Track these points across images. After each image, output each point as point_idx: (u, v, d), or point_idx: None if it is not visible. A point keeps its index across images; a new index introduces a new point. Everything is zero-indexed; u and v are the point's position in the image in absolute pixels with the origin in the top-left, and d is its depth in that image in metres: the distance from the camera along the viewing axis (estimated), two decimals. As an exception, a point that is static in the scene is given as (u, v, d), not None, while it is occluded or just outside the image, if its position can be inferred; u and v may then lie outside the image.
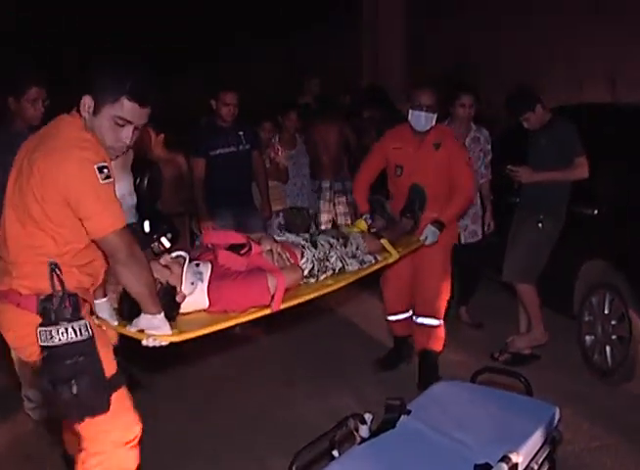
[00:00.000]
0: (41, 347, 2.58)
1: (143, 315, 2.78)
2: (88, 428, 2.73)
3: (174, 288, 3.04)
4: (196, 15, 14.28)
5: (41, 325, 2.58)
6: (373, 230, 4.30)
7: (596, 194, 4.84)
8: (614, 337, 4.67)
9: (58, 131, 2.67)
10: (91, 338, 2.64)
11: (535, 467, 2.91)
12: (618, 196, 4.73)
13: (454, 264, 4.97)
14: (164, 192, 5.31)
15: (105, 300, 3.08)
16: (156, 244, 4.90)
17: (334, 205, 6.92)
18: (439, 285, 4.74)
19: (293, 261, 3.54)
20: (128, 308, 2.89)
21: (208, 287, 3.17)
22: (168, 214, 5.14)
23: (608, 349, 4.70)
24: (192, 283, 3.14)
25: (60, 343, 2.56)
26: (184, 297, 3.09)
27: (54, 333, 2.57)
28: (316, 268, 3.64)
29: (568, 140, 4.73)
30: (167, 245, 4.97)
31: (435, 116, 4.55)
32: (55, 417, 3.24)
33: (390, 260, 4.10)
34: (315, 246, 3.72)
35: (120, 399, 2.78)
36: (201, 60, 14.54)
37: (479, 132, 5.68)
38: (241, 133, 5.65)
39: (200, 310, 3.19)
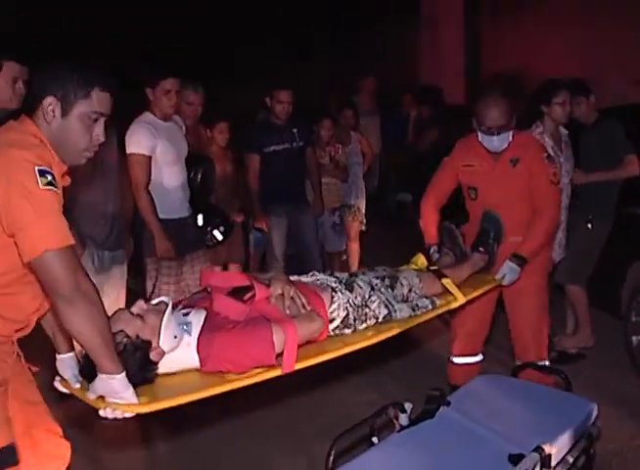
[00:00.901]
0: None
1: (98, 376, 2.24)
2: None
3: (147, 342, 2.47)
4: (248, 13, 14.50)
5: None
6: (433, 268, 3.64)
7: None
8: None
9: (4, 133, 2.29)
10: None
11: (570, 460, 2.99)
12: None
13: None
14: (219, 187, 5.51)
15: (70, 355, 2.60)
16: (208, 237, 5.10)
17: None
18: (538, 331, 4.05)
19: (310, 308, 2.88)
20: (87, 366, 2.35)
21: (198, 341, 2.57)
22: (221, 208, 5.34)
23: (653, 348, 4.71)
24: (175, 336, 2.53)
25: None
26: (162, 354, 2.50)
27: None
28: (352, 316, 3.02)
29: (617, 139, 4.75)
30: (220, 238, 5.17)
31: (511, 132, 3.83)
32: None
33: (454, 306, 3.43)
34: (351, 289, 3.09)
35: None
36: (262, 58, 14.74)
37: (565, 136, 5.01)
38: (295, 130, 5.78)
39: (191, 370, 2.61)
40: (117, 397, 2.23)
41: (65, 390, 2.50)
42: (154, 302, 2.66)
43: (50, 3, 13.15)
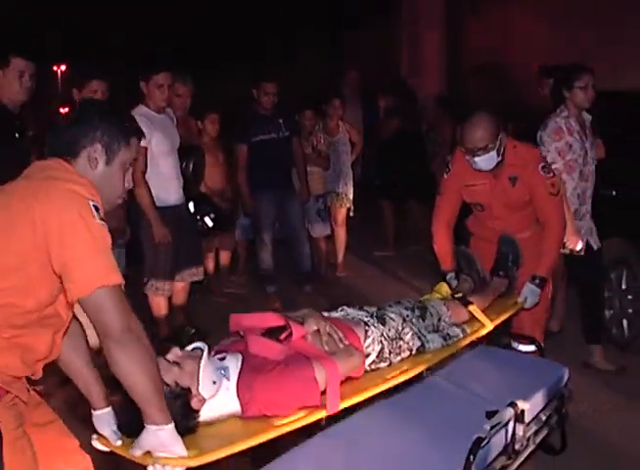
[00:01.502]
0: None
1: (146, 428, 2.10)
2: None
3: (187, 390, 2.37)
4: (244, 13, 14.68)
5: None
6: (458, 295, 3.60)
7: (615, 176, 5.07)
8: (630, 311, 4.96)
9: (41, 170, 2.16)
10: None
11: (543, 418, 3.27)
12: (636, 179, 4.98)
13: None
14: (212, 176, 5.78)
15: (107, 410, 2.40)
16: (199, 223, 5.36)
17: None
18: (538, 315, 4.01)
19: (348, 343, 2.82)
20: (128, 418, 2.25)
21: (238, 385, 2.48)
22: (211, 196, 5.61)
23: (625, 322, 5.00)
24: (214, 382, 2.44)
25: None
26: (203, 401, 2.41)
27: None
28: (387, 350, 2.96)
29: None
30: (210, 224, 5.42)
31: (496, 148, 3.67)
32: None
33: (483, 333, 3.43)
34: (383, 322, 3.04)
35: None
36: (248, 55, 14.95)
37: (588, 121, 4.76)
38: (280, 121, 6.06)
39: (232, 416, 2.50)
40: (167, 450, 2.10)
41: (105, 448, 2.36)
42: (188, 348, 2.56)
43: (50, 3, 13.23)
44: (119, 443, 2.32)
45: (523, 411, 2.94)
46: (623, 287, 4.99)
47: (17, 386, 2.07)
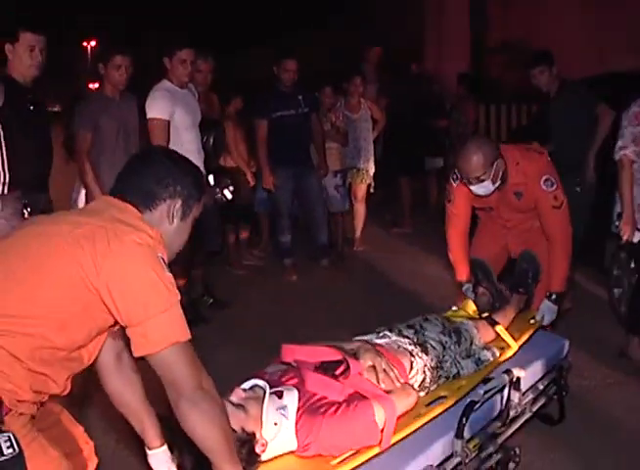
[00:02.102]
0: None
1: None
2: None
3: (253, 435, 2.35)
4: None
5: None
6: (485, 315, 3.62)
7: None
8: (638, 289, 5.02)
9: (112, 211, 2.04)
10: (17, 456, 1.83)
11: (540, 387, 3.40)
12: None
13: None
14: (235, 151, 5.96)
15: (164, 449, 2.35)
16: (219, 196, 5.50)
17: None
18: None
19: (403, 381, 2.83)
20: (194, 464, 2.26)
21: (297, 425, 2.47)
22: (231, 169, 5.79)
23: (633, 300, 5.06)
24: (275, 423, 2.42)
25: None
26: (266, 444, 2.40)
27: None
28: (428, 379, 2.99)
29: (584, 95, 5.02)
30: (229, 197, 5.58)
31: (490, 178, 3.64)
32: None
33: (509, 354, 3.40)
34: (426, 351, 3.04)
35: None
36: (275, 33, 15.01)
37: None
38: (300, 97, 6.20)
39: (286, 453, 2.50)
40: None
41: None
42: (247, 386, 2.55)
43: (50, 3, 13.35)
44: None
45: (518, 379, 3.07)
46: (632, 266, 5.04)
47: (23, 406, 1.94)
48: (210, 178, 5.45)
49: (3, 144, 3.77)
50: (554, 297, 3.83)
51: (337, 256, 6.95)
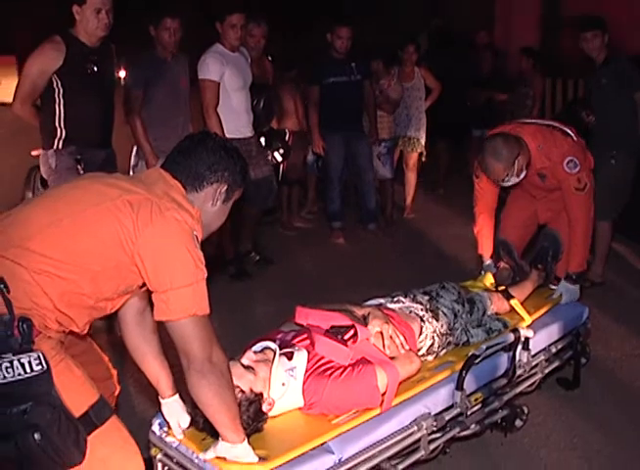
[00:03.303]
0: None
1: (221, 442, 2.28)
2: None
3: (260, 396, 2.51)
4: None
5: None
6: (501, 288, 3.72)
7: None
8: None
9: (167, 187, 2.22)
10: (46, 372, 1.96)
11: (553, 350, 3.50)
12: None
13: None
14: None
15: (175, 398, 2.54)
16: (270, 157, 5.70)
17: None
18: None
19: (409, 347, 2.93)
20: (210, 425, 2.32)
21: (304, 385, 2.62)
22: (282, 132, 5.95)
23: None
24: (283, 384, 2.58)
25: (4, 381, 1.93)
26: (273, 403, 2.56)
27: None
28: (437, 345, 3.12)
29: (626, 76, 4.95)
30: (279, 159, 5.75)
31: (515, 174, 3.69)
32: None
33: (523, 325, 3.41)
34: (437, 317, 3.16)
35: (107, 436, 2.15)
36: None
37: None
38: (353, 65, 6.30)
39: (292, 410, 2.66)
40: (239, 460, 2.28)
41: (175, 439, 2.49)
42: (259, 348, 2.68)
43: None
44: (181, 437, 2.47)
45: (527, 339, 3.18)
46: None
47: (50, 332, 2.10)
48: (262, 140, 5.64)
49: (61, 102, 4.01)
50: (573, 277, 3.86)
51: (385, 221, 7.08)
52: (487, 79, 8.45)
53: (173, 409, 2.52)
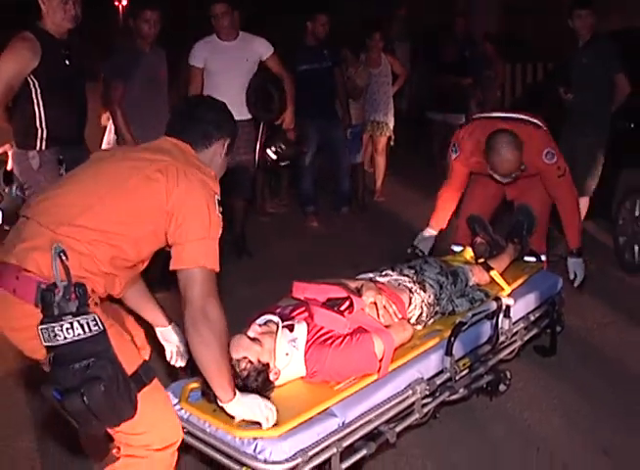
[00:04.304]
0: (46, 347, 2.13)
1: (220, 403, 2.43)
2: (116, 433, 2.32)
3: (267, 365, 2.64)
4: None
5: (42, 322, 2.10)
6: (481, 261, 3.87)
7: (633, 109, 5.33)
8: (641, 236, 5.26)
9: (181, 152, 2.41)
10: (102, 333, 2.14)
11: (532, 318, 3.69)
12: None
13: None
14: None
15: (171, 326, 2.80)
16: (268, 151, 5.66)
17: None
18: (540, 230, 4.33)
19: (401, 316, 3.14)
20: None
21: (306, 355, 2.76)
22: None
23: (636, 247, 5.31)
24: (286, 354, 2.72)
25: (65, 341, 2.08)
26: (279, 373, 2.70)
27: (57, 330, 2.08)
28: (425, 314, 3.29)
29: (607, 58, 5.16)
30: (273, 157, 5.68)
31: (518, 169, 3.86)
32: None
33: (504, 294, 3.58)
34: (424, 289, 3.33)
35: (152, 395, 2.30)
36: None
37: None
38: (325, 52, 6.45)
39: (295, 379, 2.80)
40: (253, 417, 2.41)
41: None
42: (262, 321, 2.81)
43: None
44: (183, 363, 2.79)
45: (508, 307, 3.35)
46: (637, 214, 5.26)
47: (97, 298, 2.27)
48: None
49: (40, 102, 3.80)
50: (575, 252, 4.10)
51: (357, 205, 7.23)
52: (453, 64, 8.62)
53: (169, 334, 2.78)
